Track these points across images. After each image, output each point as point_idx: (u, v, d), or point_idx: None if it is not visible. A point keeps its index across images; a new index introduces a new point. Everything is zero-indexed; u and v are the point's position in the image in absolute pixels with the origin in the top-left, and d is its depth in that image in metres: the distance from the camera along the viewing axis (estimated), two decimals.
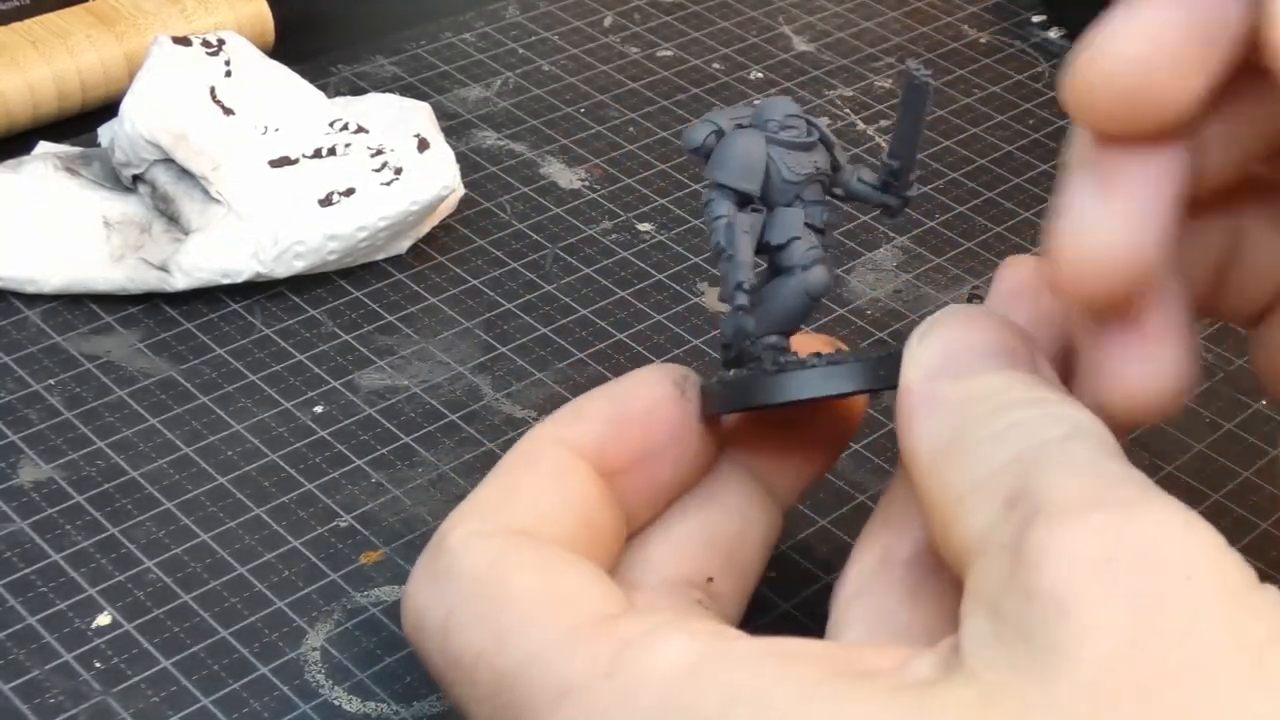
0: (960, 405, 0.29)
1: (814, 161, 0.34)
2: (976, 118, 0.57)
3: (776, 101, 0.34)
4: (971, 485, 0.28)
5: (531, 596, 0.29)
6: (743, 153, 0.33)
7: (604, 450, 0.33)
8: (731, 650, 0.27)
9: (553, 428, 0.33)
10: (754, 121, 0.34)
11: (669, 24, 0.61)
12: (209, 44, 0.49)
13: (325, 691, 0.36)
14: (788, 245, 0.33)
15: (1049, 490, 0.26)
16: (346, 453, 0.42)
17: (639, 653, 0.27)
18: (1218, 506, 0.41)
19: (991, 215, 0.52)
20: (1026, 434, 0.28)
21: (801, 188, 0.34)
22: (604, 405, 0.33)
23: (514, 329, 0.47)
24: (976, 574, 0.27)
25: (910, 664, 0.26)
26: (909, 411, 0.30)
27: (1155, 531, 0.25)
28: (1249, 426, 0.44)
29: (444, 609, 0.30)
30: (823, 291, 0.34)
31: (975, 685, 0.25)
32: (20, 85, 0.52)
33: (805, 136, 0.34)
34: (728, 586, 0.34)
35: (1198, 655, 0.24)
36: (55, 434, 0.42)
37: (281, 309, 0.47)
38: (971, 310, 0.31)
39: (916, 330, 0.31)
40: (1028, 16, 0.63)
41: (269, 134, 0.48)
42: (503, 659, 0.29)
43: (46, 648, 0.36)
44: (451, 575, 0.30)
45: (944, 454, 0.29)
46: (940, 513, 0.28)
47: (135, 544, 0.39)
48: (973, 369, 0.30)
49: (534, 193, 0.52)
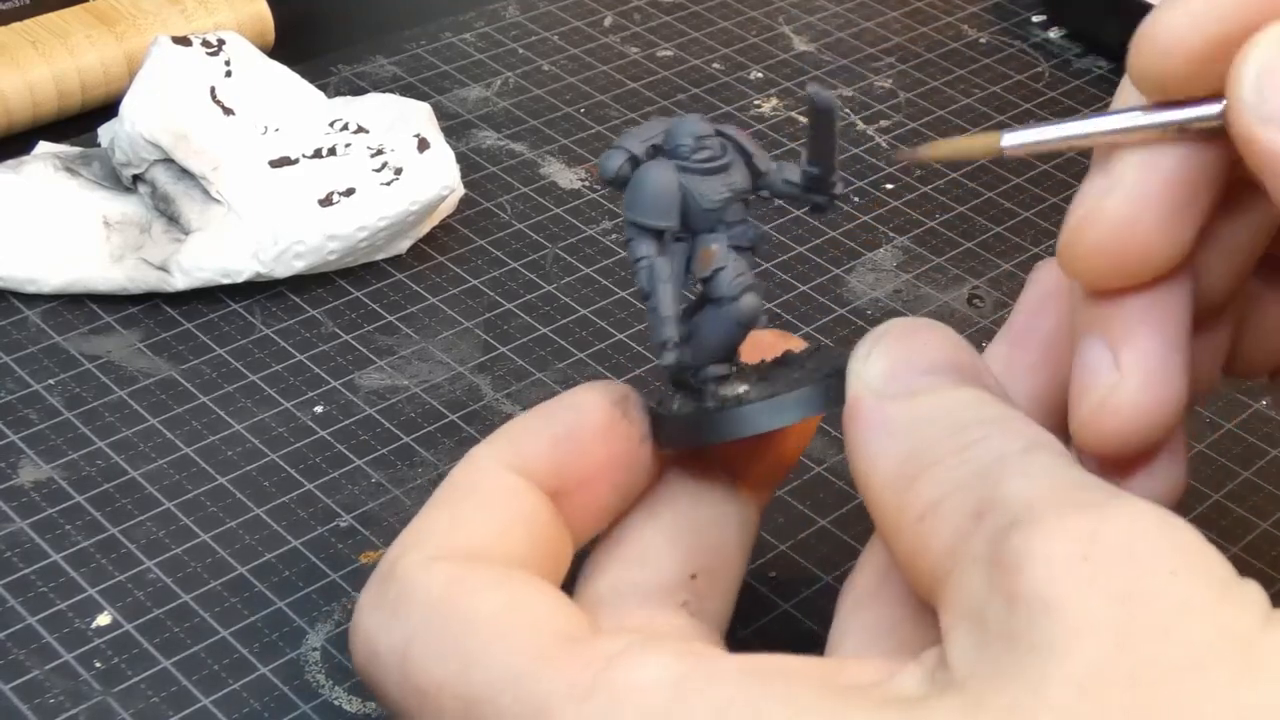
0: (912, 426, 0.29)
1: (729, 184, 0.33)
2: (976, 118, 0.57)
3: (686, 123, 0.33)
4: (931, 504, 0.28)
5: (494, 620, 0.28)
6: (654, 188, 0.33)
7: (546, 473, 0.32)
8: (715, 667, 0.27)
9: (492, 449, 0.32)
10: (666, 146, 0.33)
11: (669, 24, 0.61)
12: (209, 44, 0.49)
13: (325, 691, 0.36)
14: (713, 276, 0.33)
15: (1017, 498, 0.26)
16: (346, 453, 0.42)
17: (619, 671, 0.27)
18: (1218, 506, 0.41)
19: (991, 215, 0.52)
20: (984, 450, 0.28)
21: (721, 212, 0.33)
22: (543, 426, 0.32)
23: (514, 329, 0.47)
24: (953, 589, 0.26)
25: (895, 678, 0.26)
26: (859, 433, 0.29)
27: (1131, 529, 0.25)
28: (1249, 426, 0.44)
29: (400, 637, 0.29)
30: (753, 319, 0.33)
31: (962, 695, 0.25)
32: (20, 85, 0.52)
33: (719, 156, 0.33)
34: (712, 583, 0.33)
35: (1186, 648, 0.24)
36: (55, 434, 0.42)
37: (281, 309, 0.47)
38: (913, 324, 0.31)
39: (859, 346, 0.30)
40: (1028, 16, 0.63)
41: (269, 134, 0.48)
42: (469, 686, 0.28)
43: (46, 648, 0.36)
44: (405, 602, 0.29)
45: (899, 475, 0.28)
46: (901, 533, 0.28)
47: (135, 544, 0.39)
48: (921, 387, 0.29)
49: (534, 193, 0.52)
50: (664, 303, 0.32)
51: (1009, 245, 0.51)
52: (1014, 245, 0.51)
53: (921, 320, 0.31)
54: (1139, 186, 0.29)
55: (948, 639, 0.26)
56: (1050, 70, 0.60)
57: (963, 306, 0.48)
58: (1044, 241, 0.51)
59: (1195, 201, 0.29)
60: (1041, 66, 0.60)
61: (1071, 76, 0.59)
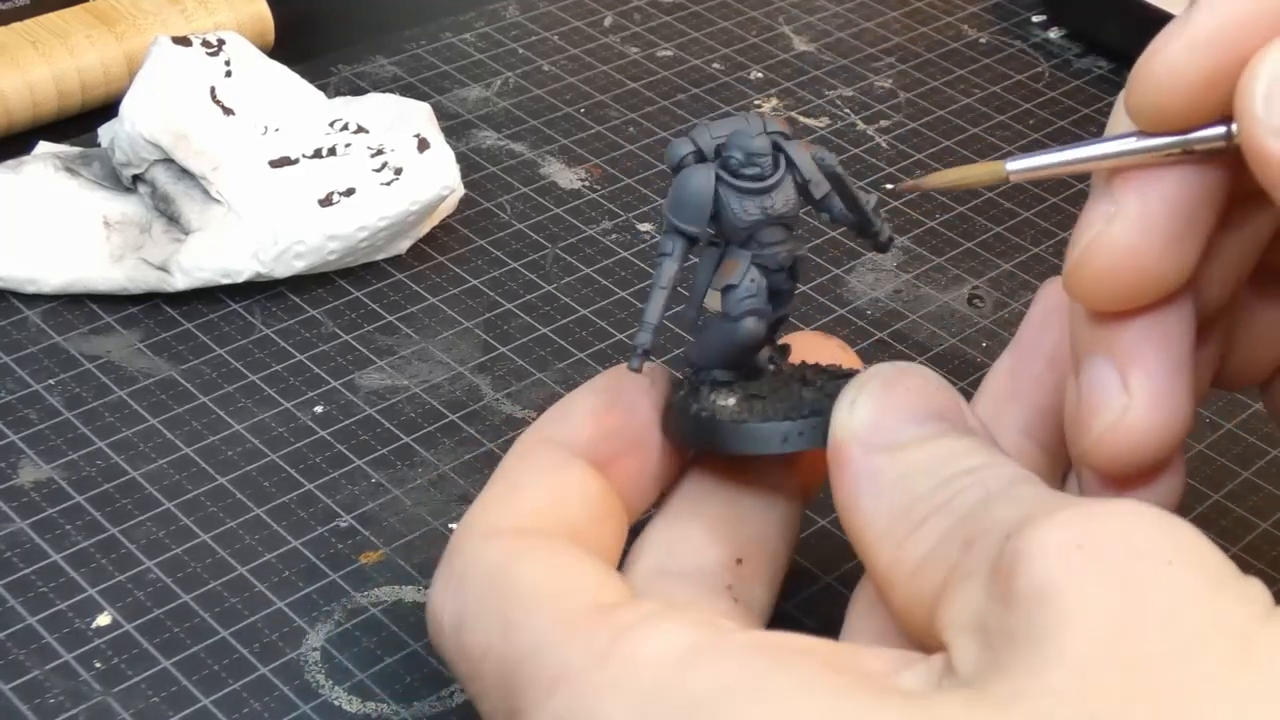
0: (900, 481, 0.29)
1: (764, 207, 0.33)
2: (976, 118, 0.57)
3: (746, 136, 0.33)
4: (925, 557, 0.28)
5: (536, 589, 0.29)
6: (689, 193, 0.33)
7: (594, 444, 0.33)
8: (725, 641, 0.27)
9: (538, 427, 0.34)
10: (726, 143, 0.33)
11: (669, 24, 0.61)
12: (209, 44, 0.49)
13: (325, 691, 0.36)
14: (727, 291, 0.33)
15: (1008, 519, 0.27)
16: (346, 453, 0.42)
17: (633, 640, 0.27)
18: (1218, 506, 0.41)
19: (991, 215, 0.52)
20: (970, 495, 0.28)
21: (755, 229, 0.33)
22: (588, 400, 0.34)
23: (514, 329, 0.47)
24: (950, 604, 0.27)
25: (902, 674, 0.27)
26: (848, 484, 0.30)
27: (1126, 522, 0.26)
28: (1249, 426, 0.44)
29: (457, 607, 0.30)
30: (751, 342, 0.33)
31: (966, 690, 0.25)
32: (20, 85, 0.52)
33: (766, 176, 0.33)
34: (757, 569, 0.34)
35: (1183, 636, 0.24)
36: (55, 434, 0.42)
37: (281, 309, 0.47)
38: (897, 371, 0.31)
39: (844, 393, 0.31)
40: (1028, 16, 0.63)
41: (269, 134, 0.48)
42: (508, 649, 0.29)
43: (46, 648, 0.36)
44: (464, 576, 0.31)
45: (890, 530, 0.29)
46: (897, 588, 0.29)
47: (135, 544, 0.39)
48: (907, 439, 0.30)
49: (534, 193, 0.52)
50: (651, 309, 0.33)
51: (1009, 245, 0.51)
52: (1014, 245, 0.51)
53: (904, 366, 0.31)
54: (1144, 211, 0.29)
55: (952, 652, 0.26)
56: (1050, 70, 0.60)
57: (963, 306, 0.48)
58: (1044, 241, 0.51)
59: (1198, 223, 0.29)
60: (1041, 66, 0.60)
61: (1071, 76, 0.59)
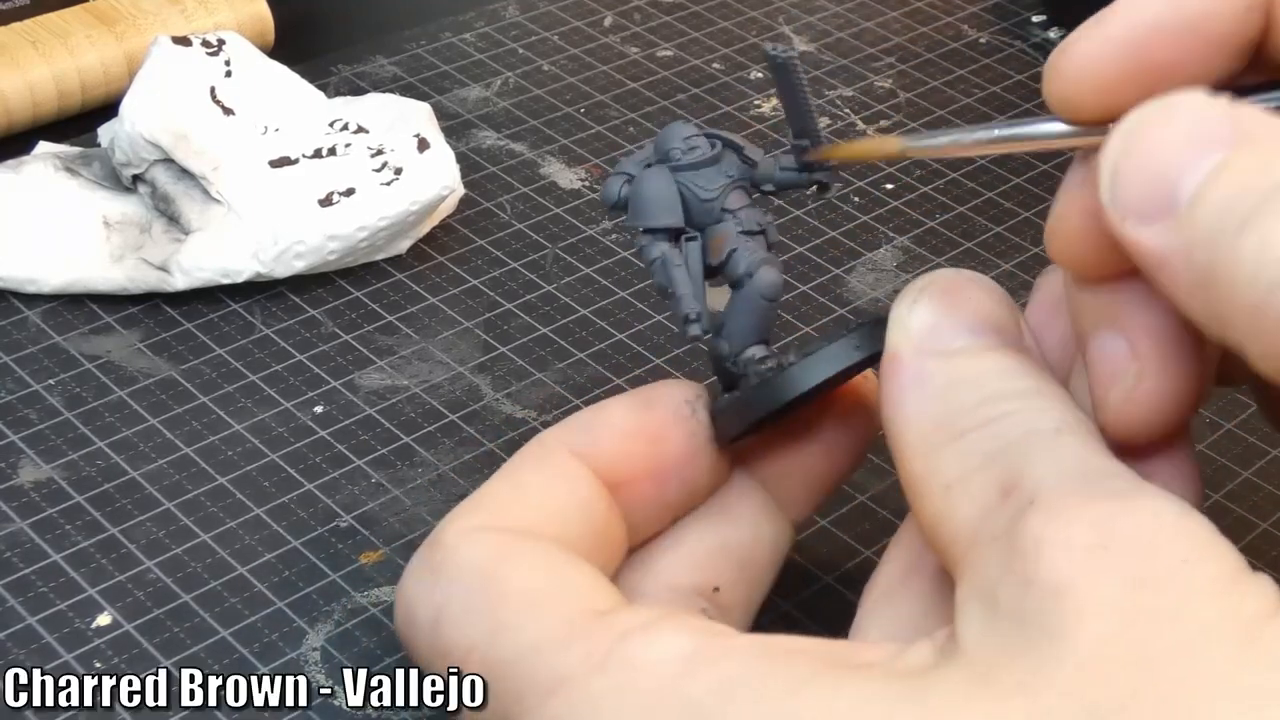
0: (947, 388, 0.29)
1: (724, 171, 0.34)
2: (976, 118, 0.57)
3: (671, 130, 0.35)
4: (959, 475, 0.28)
5: (528, 592, 0.29)
6: (653, 192, 0.34)
7: (614, 463, 0.33)
8: (726, 645, 0.27)
9: (564, 433, 0.33)
10: (657, 156, 0.35)
11: (669, 24, 0.61)
12: (209, 44, 0.49)
13: (325, 691, 0.36)
14: (729, 259, 0.34)
15: (1042, 482, 0.27)
16: (346, 453, 0.42)
17: (634, 645, 0.27)
18: (1218, 506, 0.41)
19: (991, 215, 0.52)
20: (1015, 425, 0.28)
21: (722, 200, 0.34)
22: (618, 418, 0.33)
23: (514, 329, 0.47)
24: (971, 566, 0.27)
25: (904, 654, 0.26)
26: (896, 386, 0.30)
27: (1150, 520, 0.26)
28: (1249, 426, 0.44)
29: (437, 601, 0.30)
30: (776, 290, 0.34)
31: (969, 668, 0.25)
32: (20, 85, 0.52)
33: (709, 151, 0.34)
34: (735, 597, 0.34)
35: (1191, 631, 0.24)
36: (55, 434, 0.42)
37: (281, 309, 0.47)
38: (960, 278, 0.31)
39: (904, 293, 0.30)
40: (1028, 16, 0.63)
41: (269, 134, 0.48)
42: (496, 651, 0.29)
43: (46, 648, 0.36)
44: (447, 568, 0.30)
45: (930, 438, 0.29)
46: (926, 499, 0.28)
47: (135, 544, 0.39)
48: (961, 346, 0.29)
49: (534, 193, 0.52)
50: (679, 283, 0.33)
51: (1009, 245, 0.51)
52: (1014, 245, 0.51)
53: (966, 274, 0.31)
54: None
55: (959, 614, 0.26)
56: None
57: None
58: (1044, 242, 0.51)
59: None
60: (1041, 66, 0.60)
61: None
